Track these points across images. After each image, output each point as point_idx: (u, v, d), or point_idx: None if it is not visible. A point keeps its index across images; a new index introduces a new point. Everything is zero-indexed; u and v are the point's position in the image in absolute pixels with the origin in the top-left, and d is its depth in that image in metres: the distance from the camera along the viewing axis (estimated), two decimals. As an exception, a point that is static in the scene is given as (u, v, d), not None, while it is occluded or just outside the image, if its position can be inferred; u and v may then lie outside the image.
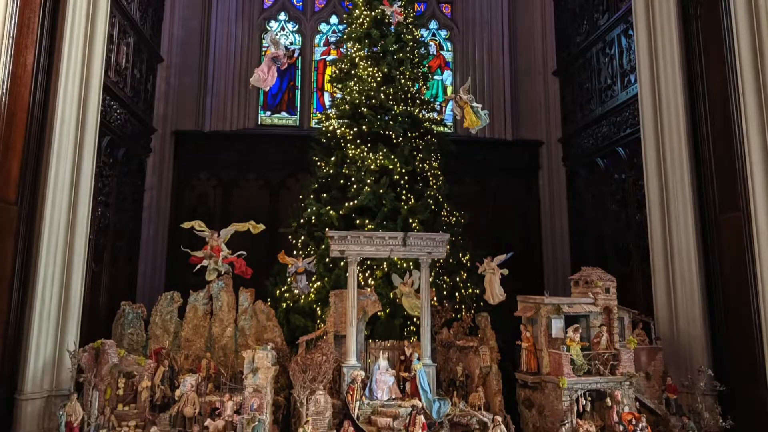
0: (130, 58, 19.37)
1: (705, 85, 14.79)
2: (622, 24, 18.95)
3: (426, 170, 18.40)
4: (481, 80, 24.51)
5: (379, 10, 19.40)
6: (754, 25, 12.74)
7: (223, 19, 24.13)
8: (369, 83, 18.71)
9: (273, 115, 24.68)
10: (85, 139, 14.27)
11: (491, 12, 25.13)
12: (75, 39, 14.23)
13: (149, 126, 21.71)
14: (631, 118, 18.04)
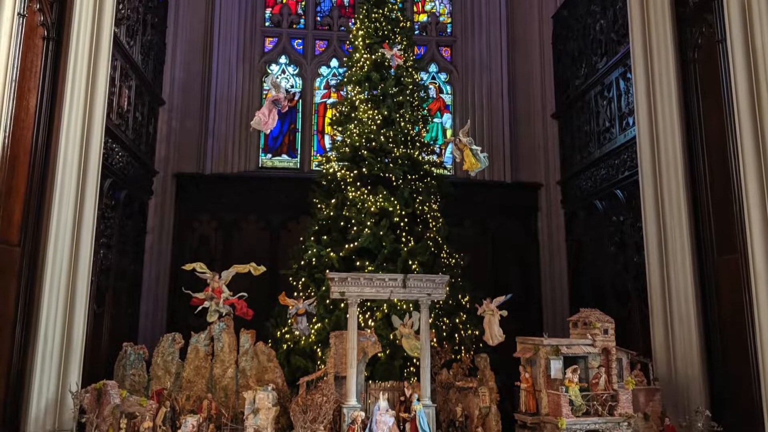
0: (132, 101, 19.48)
1: (703, 128, 14.88)
2: (620, 67, 19.06)
3: (426, 212, 18.46)
4: (481, 123, 24.65)
5: (379, 53, 19.54)
6: (752, 69, 12.81)
7: (224, 62, 24.29)
8: (369, 126, 18.80)
9: (274, 158, 24.81)
10: (87, 181, 14.29)
11: (490, 55, 25.31)
12: (77, 82, 14.27)
13: (151, 168, 21.82)
14: (630, 160, 18.11)
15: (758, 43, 12.78)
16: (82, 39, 14.43)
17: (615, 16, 19.50)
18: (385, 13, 20.54)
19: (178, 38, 23.89)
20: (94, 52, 14.66)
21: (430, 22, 26.53)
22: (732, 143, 13.48)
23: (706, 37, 14.80)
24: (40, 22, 13.88)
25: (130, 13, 19.01)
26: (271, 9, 26.02)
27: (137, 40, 19.90)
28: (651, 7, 15.95)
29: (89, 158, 14.41)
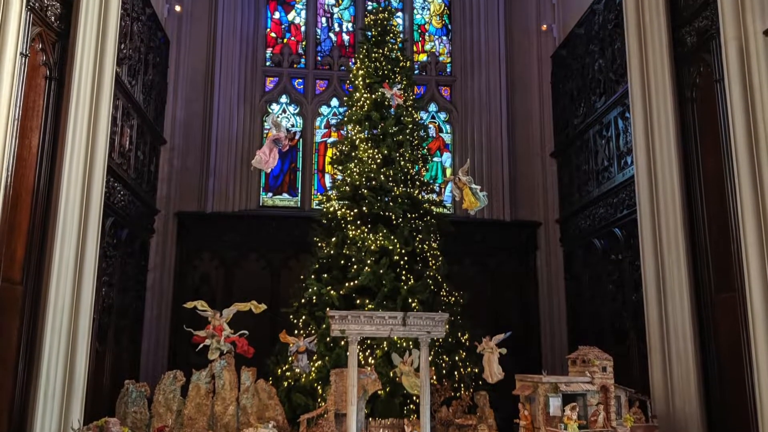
0: (133, 140, 19.58)
1: (700, 167, 14.99)
2: (618, 106, 19.18)
3: (425, 251, 18.52)
4: (480, 162, 24.75)
5: (379, 92, 19.63)
6: (749, 109, 12.92)
7: (225, 101, 24.43)
8: (369, 165, 18.88)
9: (274, 197, 24.90)
10: (89, 220, 14.32)
11: (490, 95, 25.44)
12: (79, 121, 14.32)
13: (152, 207, 21.92)
14: (628, 199, 18.19)
15: (755, 83, 12.90)
16: (84, 79, 14.48)
17: (613, 56, 19.63)
18: (386, 53, 20.67)
19: (180, 78, 24.07)
20: (96, 92, 14.71)
21: (429, 61, 26.69)
22: (729, 182, 13.60)
23: (704, 76, 14.92)
24: (43, 62, 14.00)
25: (131, 53, 19.15)
26: (271, 49, 26.18)
27: (139, 80, 20.02)
28: (649, 47, 16.07)
29: (91, 197, 14.44)
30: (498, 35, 25.90)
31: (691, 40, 15.44)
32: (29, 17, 13.11)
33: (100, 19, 14.87)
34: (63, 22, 14.52)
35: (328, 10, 26.93)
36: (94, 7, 14.77)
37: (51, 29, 14.15)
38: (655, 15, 16.05)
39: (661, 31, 15.91)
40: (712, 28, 14.36)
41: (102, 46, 14.89)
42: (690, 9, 15.44)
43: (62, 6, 14.47)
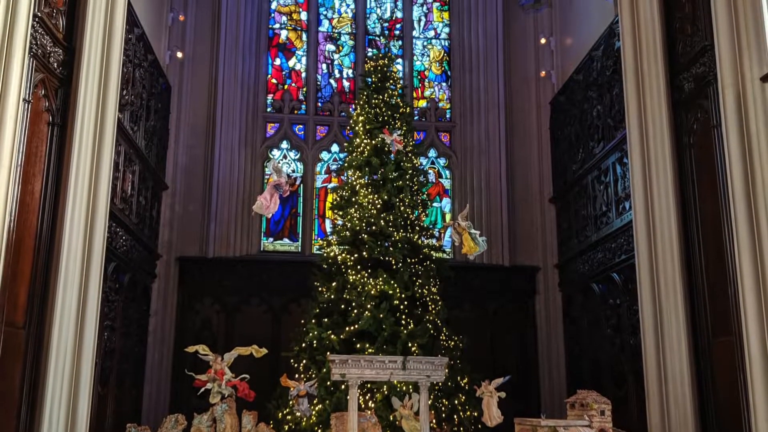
0: (135, 185, 19.71)
1: (698, 212, 15.04)
2: (617, 152, 19.29)
3: (425, 295, 18.58)
4: (479, 207, 24.86)
5: (379, 138, 19.74)
6: (746, 154, 13.02)
7: (226, 147, 24.57)
8: (369, 210, 18.97)
9: (275, 242, 25.01)
10: (91, 265, 14.36)
11: (489, 141, 25.56)
12: (82, 167, 14.37)
13: (154, 252, 22.02)
14: (626, 244, 18.27)
15: (752, 129, 13.00)
16: (87, 124, 14.55)
17: (611, 102, 19.77)
18: (386, 99, 20.80)
19: (181, 123, 24.23)
20: (99, 138, 14.77)
21: (429, 107, 26.84)
22: (727, 227, 13.63)
23: (702, 122, 14.99)
24: (45, 108, 14.07)
25: (133, 99, 19.28)
26: (272, 95, 26.36)
27: (141, 126, 20.16)
28: (647, 93, 16.13)
29: (93, 242, 14.48)
30: (497, 81, 26.07)
31: (688, 86, 15.52)
32: (32, 63, 13.18)
33: (102, 66, 14.95)
34: (66, 69, 14.60)
35: (329, 57, 27.12)
36: (96, 53, 14.85)
37: (54, 75, 14.23)
38: (653, 61, 16.12)
39: (659, 77, 15.97)
40: (710, 75, 14.42)
41: (104, 93, 14.95)
42: (688, 55, 15.54)
43: (65, 52, 14.57)
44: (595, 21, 21.39)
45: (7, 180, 12.09)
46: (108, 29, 15.18)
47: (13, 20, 12.26)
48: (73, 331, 13.85)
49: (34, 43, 13.15)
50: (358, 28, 27.40)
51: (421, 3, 27.96)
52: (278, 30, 27.06)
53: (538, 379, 23.83)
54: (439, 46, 27.64)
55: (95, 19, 14.93)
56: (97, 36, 14.93)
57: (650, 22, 16.29)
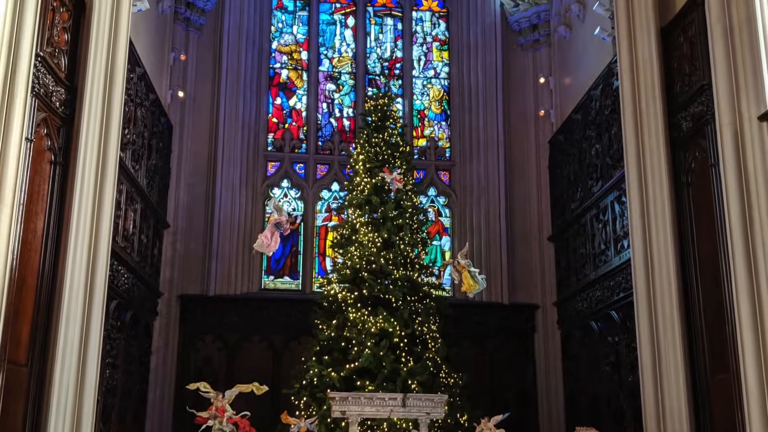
0: (137, 223, 19.76)
1: (696, 251, 15.12)
2: (615, 191, 19.35)
3: (425, 333, 18.66)
4: (479, 245, 24.92)
5: (379, 177, 19.88)
6: (744, 193, 13.05)
7: (227, 186, 24.64)
8: (369, 248, 19.07)
9: (276, 280, 25.08)
10: (93, 303, 14.39)
11: (488, 179, 25.66)
12: (84, 205, 14.40)
13: (156, 290, 22.07)
14: (624, 282, 18.31)
15: (750, 168, 13.04)
16: (89, 163, 14.60)
17: (610, 141, 19.85)
18: (386, 138, 20.96)
19: (183, 162, 24.31)
20: (100, 176, 14.81)
21: (429, 146, 26.94)
22: (724, 265, 13.69)
23: (699, 161, 15.10)
24: (48, 147, 14.15)
25: (135, 138, 19.36)
26: (273, 134, 26.47)
27: (143, 164, 20.23)
28: (645, 133, 16.19)
29: (95, 280, 14.51)
30: (496, 121, 26.14)
31: (686, 126, 15.63)
32: (34, 103, 13.26)
33: (104, 105, 15.02)
34: (68, 108, 14.70)
35: (329, 96, 27.25)
36: (98, 93, 14.92)
37: (56, 115, 14.33)
38: (651, 101, 16.18)
39: (657, 116, 16.02)
40: (708, 114, 14.52)
41: (106, 132, 15.01)
42: (685, 95, 15.65)
43: (67, 92, 14.68)
44: (594, 60, 21.49)
45: (10, 218, 12.10)
46: (110, 69, 15.26)
47: (16, 60, 12.33)
48: (75, 368, 13.86)
49: (36, 82, 13.24)
50: (358, 67, 27.55)
51: (421, 42, 28.13)
52: (279, 69, 27.21)
53: (537, 416, 23.79)
54: (439, 85, 27.78)
55: (97, 58, 15.03)
56: (99, 75, 15.01)
57: (648, 61, 16.37)
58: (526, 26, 26.77)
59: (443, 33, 28.31)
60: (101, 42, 15.17)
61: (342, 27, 28.01)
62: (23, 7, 12.48)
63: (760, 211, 12.82)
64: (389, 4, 28.28)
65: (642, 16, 16.67)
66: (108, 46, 15.30)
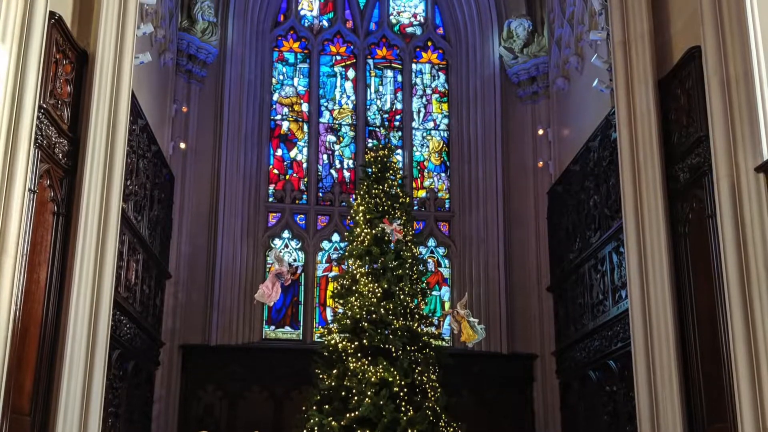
0: (139, 274, 19.84)
1: (693, 301, 15.18)
2: (613, 241, 19.43)
3: (424, 382, 18.72)
4: (478, 295, 25.00)
5: (379, 228, 19.97)
6: (740, 244, 13.11)
7: (229, 236, 24.77)
8: (369, 299, 19.14)
9: (277, 330, 25.17)
10: (95, 352, 14.48)
11: (487, 230, 25.80)
12: (86, 256, 14.52)
13: (158, 340, 22.14)
14: (622, 332, 18.34)
15: (747, 219, 13.11)
16: (91, 214, 14.72)
17: (608, 192, 19.94)
18: (386, 189, 21.04)
19: (184, 213, 24.45)
20: (103, 227, 14.93)
21: (429, 197, 27.09)
22: (722, 316, 13.76)
23: (697, 212, 15.20)
24: (51, 198, 14.28)
25: (137, 189, 19.48)
26: (274, 185, 26.64)
27: (144, 215, 20.34)
28: (643, 184, 16.29)
29: (98, 330, 14.61)
30: (495, 172, 26.29)
31: (684, 177, 15.73)
32: (37, 154, 13.37)
33: (106, 157, 15.17)
34: (70, 159, 14.84)
35: (330, 148, 27.42)
36: (100, 144, 15.09)
37: (59, 166, 14.47)
38: (649, 152, 16.30)
39: (654, 167, 16.14)
40: (705, 165, 14.62)
41: (108, 183, 15.13)
42: (683, 146, 15.77)
43: (69, 143, 14.82)
44: (592, 112, 21.62)
45: (13, 269, 12.14)
46: (112, 120, 15.43)
47: (19, 111, 12.42)
48: (77, 417, 13.95)
49: (39, 134, 13.37)
50: (358, 119, 27.76)
51: (421, 94, 28.35)
52: (280, 121, 27.41)
53: (535, 465, 23.85)
54: (439, 136, 27.96)
55: (100, 110, 15.20)
56: (101, 127, 15.18)
57: (646, 113, 16.52)
58: (525, 78, 26.95)
59: (443, 85, 28.56)
60: (104, 94, 15.36)
61: (342, 79, 28.24)
62: (26, 59, 12.62)
63: (757, 262, 12.85)
64: (389, 56, 28.54)
65: (639, 69, 16.86)
66: (110, 98, 15.49)
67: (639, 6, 17.12)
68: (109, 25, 15.70)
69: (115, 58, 15.72)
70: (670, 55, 16.82)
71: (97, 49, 15.48)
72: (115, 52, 15.76)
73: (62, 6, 14.76)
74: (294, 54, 28.18)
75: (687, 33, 16.03)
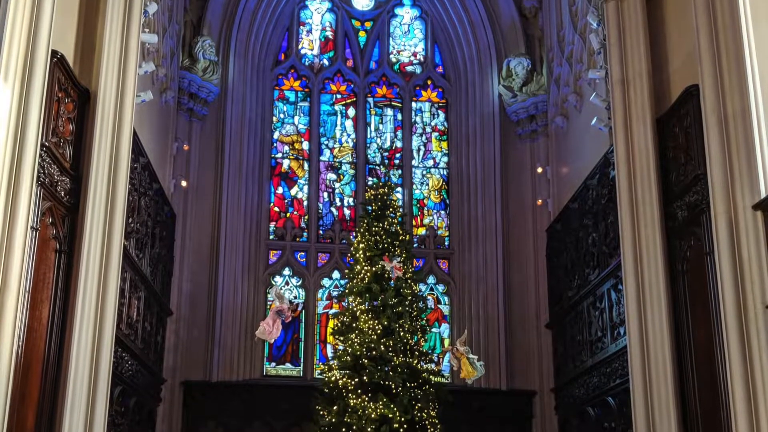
0: (141, 311, 19.86)
1: (691, 338, 15.28)
2: (611, 279, 19.44)
3: (424, 419, 18.75)
4: (477, 332, 25.04)
5: (379, 265, 20.07)
6: (738, 282, 13.22)
7: (229, 274, 24.86)
8: (370, 335, 19.22)
9: (278, 366, 25.21)
10: (97, 389, 14.56)
11: (486, 267, 25.90)
12: (88, 293, 14.59)
13: (159, 376, 22.16)
14: (621, 369, 18.35)
15: (744, 256, 13.21)
16: (93, 252, 14.81)
17: (607, 230, 19.99)
18: (385, 227, 21.11)
19: (186, 251, 24.54)
20: (105, 265, 15.02)
21: (428, 235, 27.18)
22: (719, 353, 13.83)
23: (695, 249, 15.30)
24: (53, 236, 14.38)
25: (139, 227, 19.50)
26: (275, 223, 26.74)
27: (146, 253, 20.39)
28: (641, 221, 16.41)
29: (100, 367, 14.68)
30: (495, 210, 26.39)
31: (682, 214, 15.83)
32: (40, 192, 13.44)
33: (108, 194, 15.27)
34: (72, 197, 14.94)
35: (330, 186, 27.54)
36: (102, 182, 15.18)
37: (61, 203, 14.55)
38: (647, 190, 16.41)
39: (653, 205, 16.25)
40: (703, 203, 14.71)
41: (110, 221, 15.23)
42: (681, 184, 15.88)
43: (72, 181, 14.92)
44: (590, 150, 21.69)
45: (15, 305, 12.24)
46: (114, 159, 15.56)
47: (22, 149, 12.55)
48: (80, 453, 14.01)
49: (41, 172, 13.45)
50: (358, 157, 27.88)
51: (421, 133, 28.47)
52: (280, 159, 27.54)
53: (534, 503, 23.85)
54: (438, 174, 28.07)
55: (101, 148, 15.33)
56: (103, 165, 15.30)
57: (644, 151, 16.65)
58: (524, 117, 27.09)
59: (442, 123, 28.70)
60: (105, 132, 15.49)
61: (343, 117, 28.39)
62: (29, 97, 12.76)
63: (755, 299, 12.94)
64: (389, 95, 28.69)
65: (638, 107, 16.99)
66: (112, 136, 15.61)
67: (637, 45, 17.32)
68: (110, 63, 15.88)
69: (116, 97, 15.86)
70: (668, 94, 16.99)
71: (99, 87, 15.63)
72: (116, 90, 15.91)
73: (64, 45, 14.92)
74: (295, 92, 28.35)
75: (685, 72, 16.20)
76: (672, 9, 17.15)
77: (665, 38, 17.42)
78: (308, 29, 28.98)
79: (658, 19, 17.58)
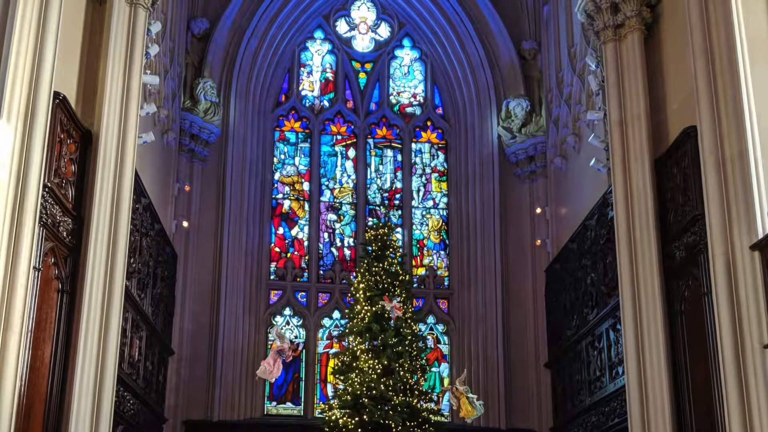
0: (142, 350, 19.93)
1: (689, 378, 15.34)
2: (610, 319, 19.50)
3: (424, 458, 18.88)
4: (476, 372, 25.05)
5: (379, 305, 20.18)
6: (736, 322, 13.24)
7: (231, 314, 24.92)
8: (370, 375, 19.30)
9: (278, 405, 25.22)
10: (99, 428, 14.62)
11: (486, 307, 25.95)
12: (90, 333, 14.67)
13: (161, 415, 22.17)
14: (619, 408, 18.34)
15: (742, 296, 13.21)
16: (95, 292, 14.89)
17: (605, 270, 20.05)
18: (386, 267, 21.27)
19: (187, 290, 24.63)
20: (107, 305, 15.10)
21: (428, 275, 27.25)
22: (717, 393, 13.87)
23: (693, 289, 15.38)
24: (55, 276, 14.44)
25: (141, 267, 19.59)
26: (276, 263, 26.83)
27: (148, 293, 20.46)
28: (639, 262, 16.47)
29: (102, 406, 14.74)
30: (494, 250, 26.47)
31: (680, 255, 15.91)
32: (42, 233, 13.49)
33: (110, 235, 15.36)
34: (74, 238, 15.01)
35: (330, 226, 27.62)
36: (104, 223, 15.28)
37: (63, 244, 14.61)
38: (646, 231, 16.48)
39: (651, 246, 16.32)
40: (701, 243, 14.77)
41: (112, 261, 15.31)
42: (679, 225, 15.95)
43: (74, 222, 14.99)
44: (589, 191, 21.79)
45: (18, 345, 12.25)
46: (116, 199, 15.66)
47: (24, 190, 12.60)
48: (82, 493, 14.05)
49: (44, 212, 13.52)
50: (358, 198, 27.98)
51: (420, 173, 28.58)
52: (281, 200, 27.66)
53: None
54: (438, 215, 28.16)
55: (103, 189, 15.43)
56: (105, 206, 15.40)
57: (643, 192, 16.73)
58: (523, 158, 27.19)
59: (442, 164, 28.81)
60: (107, 173, 15.60)
61: (343, 158, 28.52)
62: (31, 138, 12.82)
63: (752, 339, 12.95)
64: (389, 136, 28.81)
65: (636, 148, 17.10)
66: (114, 177, 15.73)
67: (636, 87, 17.46)
68: (112, 105, 16.01)
69: (118, 138, 16.00)
70: (666, 135, 17.09)
71: (101, 128, 15.74)
72: (118, 131, 16.05)
73: (67, 86, 15.03)
74: (295, 133, 28.49)
75: (683, 113, 16.30)
76: (670, 51, 17.31)
77: (663, 80, 17.56)
78: (309, 71, 29.17)
79: (657, 61, 17.74)
